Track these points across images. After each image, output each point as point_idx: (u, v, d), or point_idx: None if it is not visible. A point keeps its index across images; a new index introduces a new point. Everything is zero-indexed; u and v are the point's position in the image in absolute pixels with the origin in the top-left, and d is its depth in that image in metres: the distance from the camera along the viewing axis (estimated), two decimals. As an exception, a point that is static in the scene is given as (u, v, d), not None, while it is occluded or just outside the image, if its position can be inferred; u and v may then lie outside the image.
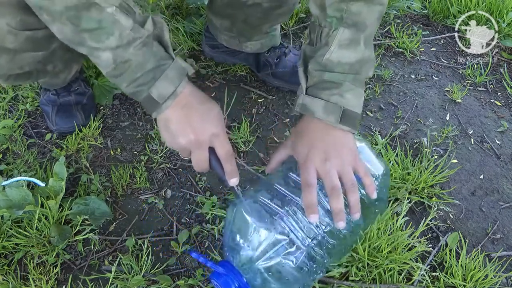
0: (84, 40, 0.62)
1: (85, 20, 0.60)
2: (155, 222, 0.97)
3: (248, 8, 1.00)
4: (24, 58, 0.82)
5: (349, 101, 0.71)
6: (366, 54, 0.72)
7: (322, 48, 0.72)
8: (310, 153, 0.70)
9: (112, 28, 0.61)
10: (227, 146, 0.70)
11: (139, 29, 0.64)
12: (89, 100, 1.15)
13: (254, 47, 1.18)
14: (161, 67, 0.66)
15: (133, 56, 0.64)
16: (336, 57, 0.71)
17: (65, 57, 0.95)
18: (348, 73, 0.71)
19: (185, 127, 0.67)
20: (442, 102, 1.26)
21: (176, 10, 1.45)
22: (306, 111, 0.72)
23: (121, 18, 0.62)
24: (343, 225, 0.66)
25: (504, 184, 1.08)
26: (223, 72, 1.29)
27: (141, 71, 0.65)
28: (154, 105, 0.67)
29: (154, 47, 0.66)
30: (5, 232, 0.90)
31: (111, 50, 0.63)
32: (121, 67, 0.65)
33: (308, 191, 0.67)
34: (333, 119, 0.70)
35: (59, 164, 0.96)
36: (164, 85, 0.66)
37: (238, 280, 0.70)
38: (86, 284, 0.86)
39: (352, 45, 0.71)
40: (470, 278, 0.87)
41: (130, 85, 0.66)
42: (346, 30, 0.71)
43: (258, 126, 1.16)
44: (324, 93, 0.72)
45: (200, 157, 0.70)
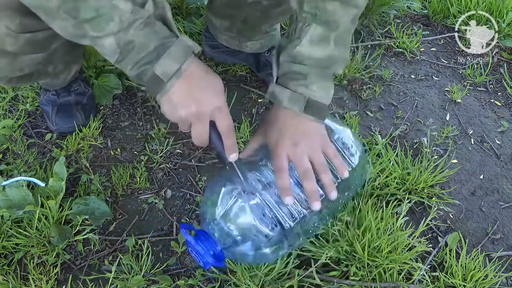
0: (86, 32, 0.62)
1: (83, 10, 0.59)
2: (155, 222, 0.97)
3: (247, 7, 1.00)
4: (24, 60, 0.82)
5: (314, 92, 0.75)
6: (335, 53, 0.76)
7: (295, 40, 0.75)
8: (280, 139, 0.73)
9: (111, 13, 0.60)
10: (229, 120, 0.70)
11: (139, 10, 0.63)
12: (89, 100, 1.15)
13: (254, 47, 1.18)
14: (165, 44, 0.65)
15: (135, 37, 0.63)
16: (305, 51, 0.74)
17: (65, 58, 0.95)
18: (315, 66, 0.75)
19: (187, 98, 0.66)
20: (442, 102, 1.26)
21: (176, 10, 1.45)
22: (274, 99, 0.76)
23: (119, 2, 0.61)
24: (318, 206, 0.71)
25: (504, 184, 1.08)
26: (223, 72, 1.29)
27: (145, 51, 0.64)
28: (159, 83, 0.65)
29: (156, 26, 0.65)
30: (5, 232, 0.90)
31: (113, 35, 0.62)
32: (125, 49, 0.64)
33: (280, 175, 0.71)
34: (297, 108, 0.74)
35: (59, 164, 0.96)
36: (168, 63, 0.64)
37: (213, 248, 0.74)
38: (86, 284, 0.86)
39: (322, 43, 0.74)
40: (470, 278, 0.87)
41: (135, 66, 0.65)
42: (318, 27, 0.74)
43: (258, 126, 1.16)
44: (291, 84, 0.75)
45: (200, 130, 0.69)
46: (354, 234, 0.86)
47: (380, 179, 0.99)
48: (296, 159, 0.72)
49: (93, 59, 1.21)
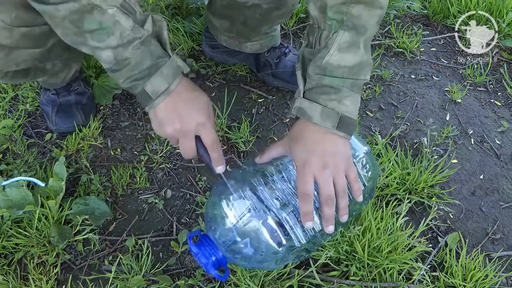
0: (86, 40, 0.65)
1: (87, 22, 0.63)
2: (155, 222, 0.97)
3: (247, 9, 1.00)
4: (20, 54, 0.82)
5: (347, 107, 0.72)
6: (365, 57, 0.73)
7: (322, 51, 0.72)
8: (308, 160, 0.70)
9: (113, 28, 0.64)
10: (212, 134, 0.73)
11: (139, 29, 0.66)
12: (89, 100, 1.15)
13: (253, 48, 1.18)
14: (157, 64, 0.68)
15: (132, 55, 0.66)
16: (335, 60, 0.71)
17: (64, 56, 0.95)
18: (347, 77, 0.71)
19: (171, 116, 0.70)
20: (442, 102, 1.26)
21: (176, 10, 1.45)
22: (303, 115, 0.73)
23: (122, 19, 0.64)
24: (332, 230, 0.72)
25: (504, 184, 1.08)
26: (223, 72, 1.29)
27: (139, 69, 0.68)
28: (148, 99, 0.69)
29: (151, 45, 0.68)
30: (5, 232, 0.90)
31: (111, 49, 0.66)
32: (120, 64, 0.67)
33: (305, 200, 0.70)
34: (330, 125, 0.71)
35: (59, 164, 0.96)
36: (158, 82, 0.68)
37: (215, 253, 0.74)
38: (86, 284, 0.86)
39: (351, 49, 0.71)
40: (470, 278, 0.87)
41: (126, 80, 0.69)
42: (346, 33, 0.71)
43: (258, 126, 1.16)
44: (322, 98, 0.72)
45: (186, 145, 0.73)
46: (354, 234, 0.86)
47: (380, 179, 0.98)
48: (323, 183, 0.70)
49: (93, 59, 1.21)
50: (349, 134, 0.72)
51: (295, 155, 0.73)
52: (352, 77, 0.72)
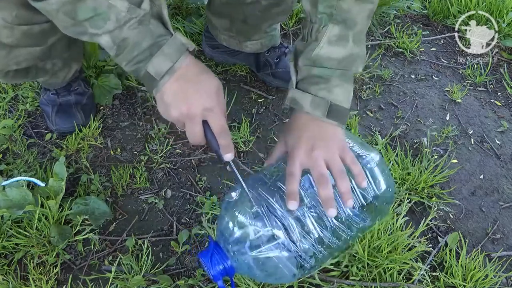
0: (86, 29, 0.63)
1: (81, 11, 0.61)
2: (155, 222, 0.97)
3: (247, 6, 1.00)
4: (21, 53, 0.82)
5: (337, 96, 0.73)
6: (355, 51, 0.74)
7: (312, 43, 0.74)
8: (296, 144, 0.71)
9: (108, 12, 0.62)
10: (221, 120, 0.69)
11: (135, 9, 0.64)
12: (89, 100, 1.15)
13: (253, 47, 1.18)
14: (158, 43, 0.66)
15: (128, 35, 0.64)
16: (325, 52, 0.72)
17: (64, 55, 0.95)
18: (336, 68, 0.73)
19: (178, 99, 0.67)
20: (442, 102, 1.26)
21: (176, 10, 1.45)
22: (295, 105, 0.74)
23: (116, 2, 0.62)
24: (334, 212, 0.66)
25: (504, 184, 1.08)
26: (223, 72, 1.29)
27: (138, 49, 0.65)
28: (153, 81, 0.67)
29: (151, 24, 0.66)
30: (5, 232, 0.90)
31: (109, 33, 0.64)
32: (120, 47, 0.65)
33: (290, 180, 0.68)
34: (320, 113, 0.72)
35: (59, 164, 0.96)
36: (160, 61, 0.65)
37: (223, 262, 0.71)
38: (86, 284, 0.86)
39: (340, 42, 0.73)
40: (470, 278, 0.87)
41: (129, 63, 0.67)
42: (336, 27, 0.72)
43: (258, 126, 1.16)
44: (312, 88, 0.73)
45: (193, 130, 0.69)
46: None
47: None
48: (312, 163, 0.68)
49: (93, 59, 1.21)
50: (341, 122, 0.73)
51: (288, 145, 0.74)
52: (341, 68, 0.73)
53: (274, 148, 0.79)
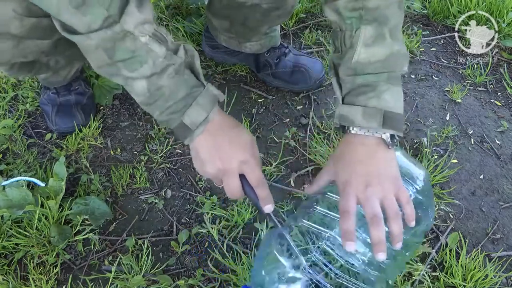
0: (119, 70, 0.63)
1: (119, 50, 0.61)
2: (155, 222, 0.97)
3: (247, 9, 1.00)
4: (28, 45, 0.82)
5: (388, 102, 0.67)
6: (395, 48, 0.69)
7: (348, 51, 0.70)
8: (351, 178, 0.66)
9: (145, 56, 0.62)
10: (257, 172, 0.69)
11: (172, 56, 0.65)
12: (89, 100, 1.15)
13: (253, 48, 1.18)
14: (193, 94, 0.66)
15: (166, 83, 0.64)
16: (364, 57, 0.68)
17: (67, 53, 0.95)
18: (381, 72, 0.68)
19: (213, 155, 0.67)
20: (442, 102, 1.26)
21: (176, 10, 1.45)
22: (345, 121, 0.69)
23: (155, 47, 0.63)
24: (383, 257, 0.62)
25: (504, 184, 1.08)
26: (223, 72, 1.29)
27: (174, 99, 0.65)
28: (187, 132, 0.67)
29: (185, 75, 0.67)
30: (5, 232, 0.90)
31: (145, 79, 0.64)
32: (154, 95, 0.65)
33: (345, 218, 0.64)
34: (375, 124, 0.66)
35: (59, 164, 0.96)
36: (196, 112, 0.66)
37: None
38: (86, 284, 0.86)
39: (378, 41, 0.68)
40: (470, 278, 0.87)
41: (163, 113, 0.67)
42: (369, 27, 0.68)
43: (258, 126, 1.16)
44: (360, 99, 0.68)
45: (231, 185, 0.69)
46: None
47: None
48: (366, 202, 0.64)
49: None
50: (398, 130, 0.67)
51: (337, 176, 0.69)
52: (387, 70, 0.69)
53: (320, 174, 0.74)
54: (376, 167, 0.67)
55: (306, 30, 1.42)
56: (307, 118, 1.17)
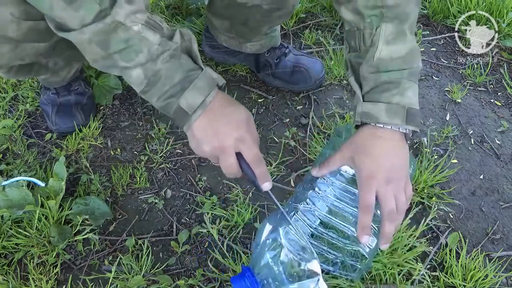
0: (116, 62, 0.63)
1: (113, 42, 0.61)
2: (155, 222, 0.97)
3: (248, 9, 1.00)
4: (25, 48, 0.82)
5: (410, 99, 0.70)
6: (414, 44, 0.71)
7: (370, 49, 0.71)
8: (375, 173, 0.68)
9: (139, 45, 0.62)
10: (254, 149, 0.68)
11: (166, 42, 0.64)
12: (89, 100, 1.15)
13: (253, 48, 1.18)
14: (190, 77, 0.66)
15: (161, 67, 0.64)
16: (386, 54, 0.70)
17: (66, 54, 0.95)
18: (403, 68, 0.70)
19: (208, 133, 0.67)
20: (442, 102, 1.26)
21: (176, 10, 1.45)
22: (368, 119, 0.71)
23: (148, 35, 0.63)
24: (387, 247, 0.70)
25: (504, 184, 1.08)
26: (223, 72, 1.29)
27: (170, 83, 0.65)
28: (184, 116, 0.66)
29: (182, 59, 0.66)
30: (5, 232, 0.90)
31: (141, 66, 0.64)
32: (151, 82, 0.65)
33: (366, 212, 0.68)
34: (399, 120, 0.68)
35: (59, 164, 0.96)
36: (193, 95, 0.65)
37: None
38: (86, 284, 0.86)
39: (399, 38, 0.70)
40: (470, 278, 0.87)
41: (161, 98, 0.66)
42: (389, 25, 0.69)
43: (258, 126, 1.16)
44: (384, 96, 0.70)
45: (228, 163, 0.68)
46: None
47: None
48: (386, 198, 0.68)
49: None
50: (418, 127, 0.70)
51: (361, 167, 0.70)
52: (408, 66, 0.70)
53: (333, 159, 0.75)
54: (399, 163, 0.70)
55: (306, 30, 1.42)
56: (307, 118, 1.17)
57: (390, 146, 0.70)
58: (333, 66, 1.28)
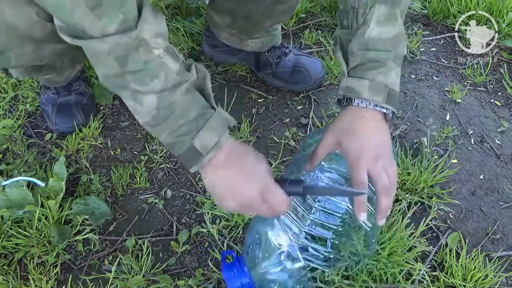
0: (128, 83, 0.60)
1: (132, 60, 0.58)
2: (155, 222, 0.97)
3: (251, 2, 1.00)
4: (46, 49, 0.81)
5: (393, 80, 0.72)
6: (402, 28, 0.74)
7: (361, 27, 0.73)
8: (363, 152, 0.70)
9: (157, 70, 0.59)
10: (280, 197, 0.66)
11: (185, 73, 0.62)
12: (89, 100, 1.15)
13: (254, 46, 1.18)
14: (205, 115, 0.63)
15: (178, 100, 0.61)
16: (376, 33, 0.72)
17: (73, 54, 0.95)
18: (389, 50, 0.72)
19: (230, 191, 0.65)
20: (442, 102, 1.26)
21: (176, 10, 1.45)
22: (351, 93, 0.72)
23: (169, 61, 0.60)
24: (384, 222, 0.71)
25: (504, 184, 1.08)
26: (223, 72, 1.29)
27: (185, 118, 0.62)
28: (196, 157, 0.63)
29: (196, 94, 0.64)
30: (5, 232, 0.90)
31: (156, 94, 0.60)
32: (163, 113, 0.62)
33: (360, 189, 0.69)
34: (380, 98, 0.70)
35: (59, 164, 0.96)
36: (207, 135, 0.62)
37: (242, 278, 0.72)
38: (86, 284, 0.86)
39: (390, 21, 0.72)
40: (470, 278, 0.87)
41: (172, 134, 0.63)
42: (383, 6, 0.72)
43: (258, 126, 1.16)
44: (369, 73, 0.72)
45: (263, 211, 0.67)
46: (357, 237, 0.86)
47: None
48: (378, 174, 0.69)
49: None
50: (396, 107, 0.72)
51: (349, 150, 0.71)
52: (394, 49, 0.73)
53: (318, 148, 0.76)
54: (384, 140, 0.71)
55: (306, 30, 1.42)
56: (307, 118, 1.17)
57: (373, 125, 0.71)
58: (333, 66, 1.28)
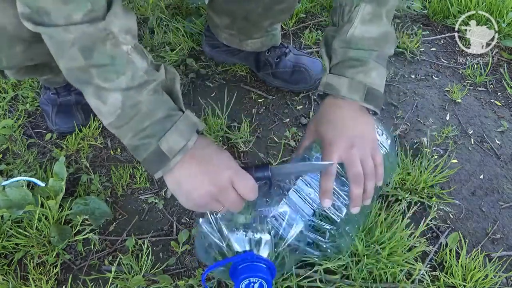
0: (91, 77, 0.57)
1: (98, 53, 0.55)
2: (155, 222, 0.97)
3: (249, 3, 1.00)
4: (36, 48, 0.80)
5: (373, 79, 0.72)
6: (388, 28, 0.74)
7: (346, 25, 0.73)
8: (336, 139, 0.70)
9: (124, 67, 0.57)
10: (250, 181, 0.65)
11: (153, 72, 0.60)
12: (89, 100, 1.15)
13: (254, 46, 1.18)
14: (172, 117, 0.61)
15: (144, 99, 0.59)
16: (359, 32, 0.72)
17: None
18: (372, 49, 0.72)
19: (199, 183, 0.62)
20: (442, 102, 1.26)
21: (176, 10, 1.45)
22: (331, 90, 0.73)
23: (136, 59, 0.58)
24: (357, 211, 0.71)
25: (504, 184, 1.08)
26: (223, 72, 1.29)
27: (150, 119, 0.60)
28: (161, 160, 0.61)
29: (164, 96, 0.62)
30: (5, 232, 0.90)
31: (121, 91, 0.58)
32: (128, 113, 0.59)
33: (327, 177, 0.69)
34: (357, 97, 0.71)
35: (59, 164, 0.96)
36: (175, 138, 0.60)
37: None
38: (86, 284, 0.86)
39: (374, 20, 0.72)
40: (470, 278, 0.87)
41: (136, 136, 0.60)
42: (368, 5, 0.72)
43: (258, 126, 1.16)
44: (349, 71, 0.72)
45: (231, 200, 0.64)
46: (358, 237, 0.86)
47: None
48: (350, 162, 0.69)
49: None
50: (377, 107, 0.73)
51: (324, 137, 0.72)
52: (377, 48, 0.73)
53: (303, 138, 0.79)
54: (360, 129, 0.72)
55: (306, 30, 1.42)
56: (307, 118, 1.17)
57: (349, 114, 0.72)
58: (333, 66, 1.28)
